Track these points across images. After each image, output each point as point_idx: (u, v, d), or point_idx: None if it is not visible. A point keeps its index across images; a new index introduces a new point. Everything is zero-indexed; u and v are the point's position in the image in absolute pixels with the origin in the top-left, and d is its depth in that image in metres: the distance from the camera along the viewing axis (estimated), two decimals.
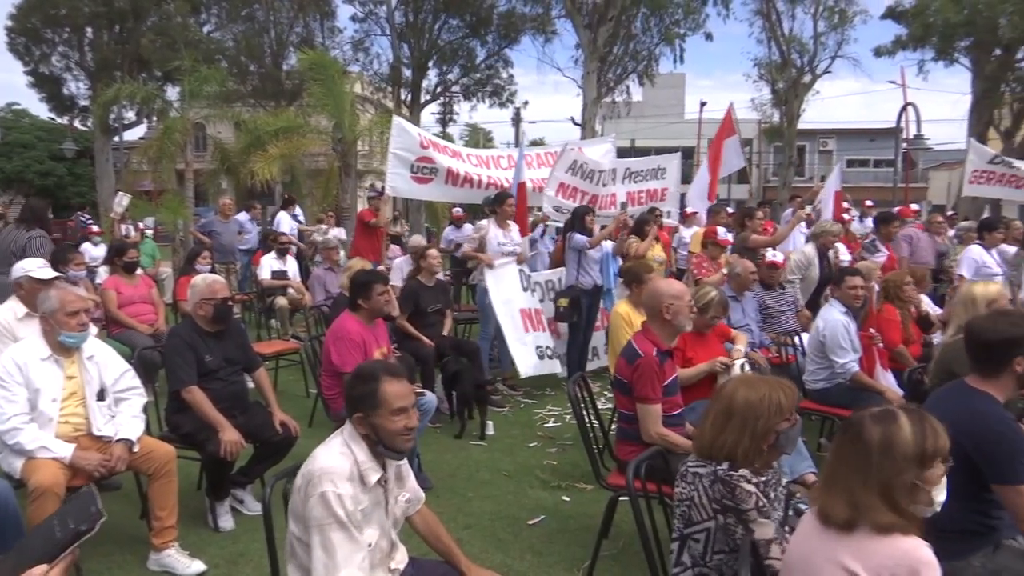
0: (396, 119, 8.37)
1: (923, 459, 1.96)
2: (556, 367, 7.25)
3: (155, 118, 21.29)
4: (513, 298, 7.09)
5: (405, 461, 2.69)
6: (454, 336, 7.32)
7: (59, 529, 1.74)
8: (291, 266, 9.39)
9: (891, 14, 24.60)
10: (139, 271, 7.08)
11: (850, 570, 1.91)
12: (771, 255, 6.70)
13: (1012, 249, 8.58)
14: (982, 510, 2.62)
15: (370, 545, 2.41)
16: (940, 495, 2.00)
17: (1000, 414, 2.68)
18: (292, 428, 4.29)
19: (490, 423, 6.07)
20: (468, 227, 11.29)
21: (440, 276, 7.07)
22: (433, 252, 6.90)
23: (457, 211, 12.71)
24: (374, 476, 2.45)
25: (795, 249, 7.77)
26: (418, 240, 9.25)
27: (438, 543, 2.80)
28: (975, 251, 7.76)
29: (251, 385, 4.63)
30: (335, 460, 2.41)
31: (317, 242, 10.72)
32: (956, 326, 4.40)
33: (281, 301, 8.75)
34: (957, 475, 2.10)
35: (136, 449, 3.63)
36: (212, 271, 7.56)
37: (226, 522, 4.16)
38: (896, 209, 10.45)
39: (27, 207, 6.83)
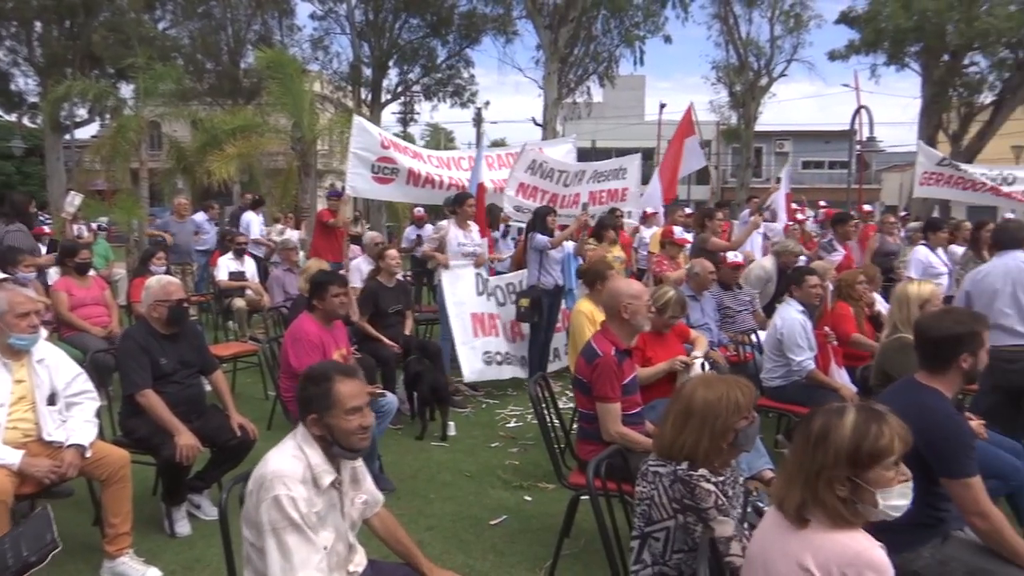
0: (357, 119, 8.32)
1: (856, 458, 1.94)
2: (506, 373, 7.26)
3: (108, 116, 20.79)
4: (466, 301, 7.10)
5: (361, 462, 2.67)
6: (416, 336, 7.28)
7: (11, 556, 1.69)
8: (249, 267, 9.26)
9: (844, 19, 25.11)
10: (92, 272, 6.91)
11: (802, 564, 1.93)
12: (732, 256, 6.80)
13: (961, 249, 8.82)
14: (931, 503, 2.68)
15: (326, 548, 2.39)
16: (892, 500, 1.97)
17: (947, 410, 2.75)
18: (250, 431, 4.23)
19: (452, 424, 6.06)
20: (430, 227, 11.26)
21: (400, 276, 7.04)
22: (392, 252, 6.86)
23: (419, 210, 12.65)
24: (328, 478, 2.43)
25: (756, 261, 7.86)
26: (373, 236, 9.16)
27: (398, 545, 2.79)
28: (921, 252, 7.96)
29: (208, 388, 4.56)
30: (287, 463, 2.39)
31: (275, 243, 10.58)
32: (891, 326, 4.52)
33: (239, 302, 8.62)
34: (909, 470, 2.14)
35: (88, 454, 3.54)
36: (168, 272, 7.42)
37: (182, 528, 4.08)
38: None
39: (8, 201, 6.81)
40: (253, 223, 11.59)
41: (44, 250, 9.32)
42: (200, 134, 16.25)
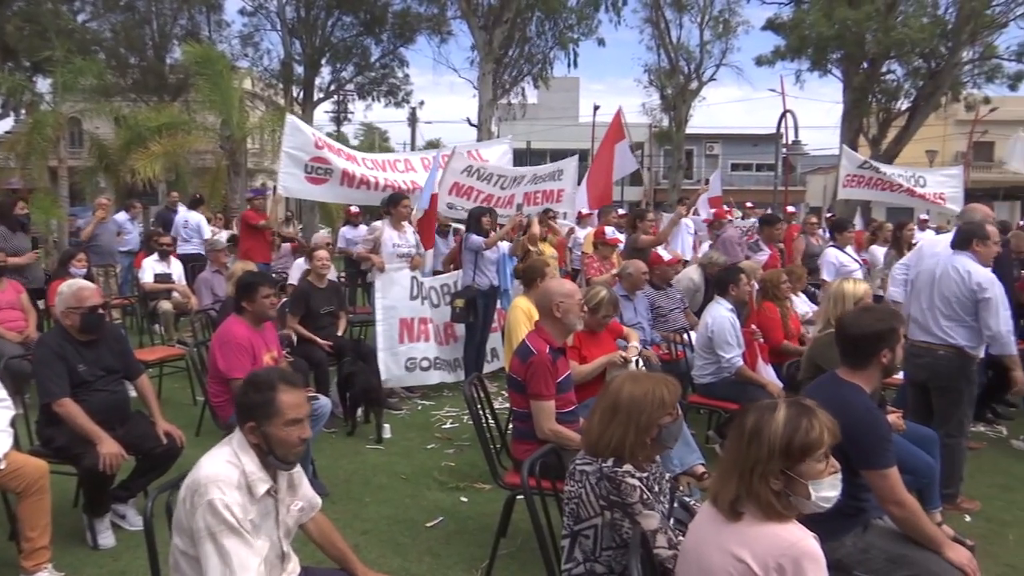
0: (290, 118, 8.17)
1: (789, 451, 2.01)
2: (433, 378, 7.23)
3: (24, 111, 19.89)
4: (397, 306, 7.04)
5: (299, 468, 2.63)
6: (349, 338, 7.20)
7: None
8: (175, 268, 8.99)
9: (771, 26, 25.84)
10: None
11: (739, 557, 1.97)
12: (663, 253, 6.97)
13: (883, 250, 9.20)
14: (853, 493, 2.78)
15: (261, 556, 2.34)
16: (824, 491, 2.04)
17: (866, 404, 2.87)
18: (177, 438, 4.10)
19: (387, 426, 6.01)
20: (364, 227, 11.13)
21: (332, 277, 6.94)
22: (321, 253, 6.77)
23: (354, 209, 12.49)
24: (263, 487, 2.39)
25: (684, 272, 8.02)
26: (322, 236, 9.00)
27: (333, 550, 2.75)
28: (831, 253, 8.17)
29: (133, 394, 4.40)
30: (222, 468, 2.34)
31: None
32: (824, 322, 4.70)
33: (165, 305, 8.37)
34: None
35: (3, 465, 3.39)
36: (89, 274, 7.15)
37: (106, 539, 3.94)
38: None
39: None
40: (203, 224, 11.16)
41: None
42: (123, 131, 15.70)
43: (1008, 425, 6.32)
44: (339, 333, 6.59)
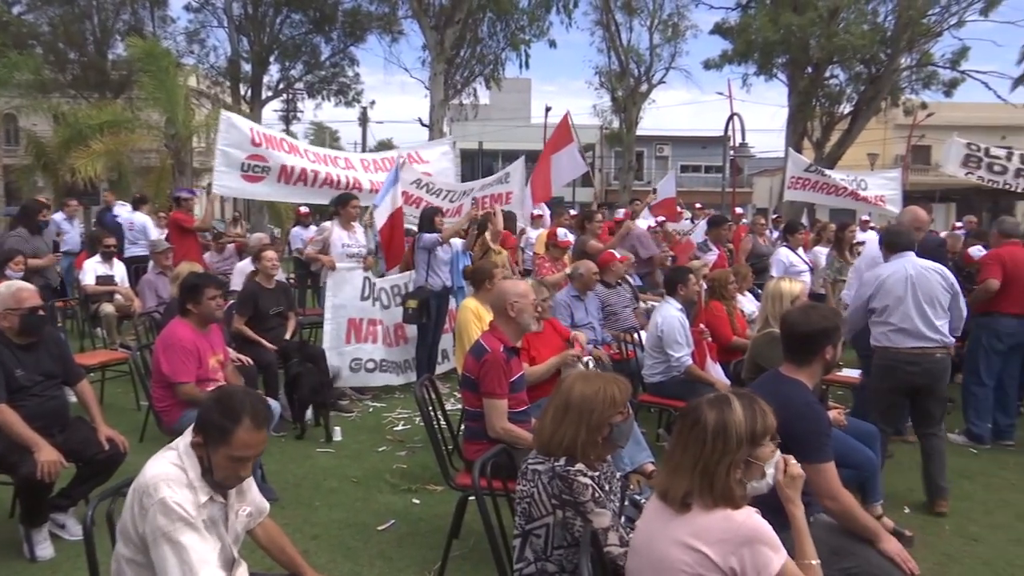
0: (225, 114, 8.03)
1: (754, 438, 2.14)
2: (377, 380, 7.19)
3: None
4: (347, 305, 7.00)
5: None
6: (300, 340, 7.09)
7: None
8: (118, 270, 8.74)
9: (718, 30, 26.32)
10: None
11: (694, 548, 2.04)
12: (614, 251, 7.06)
13: (825, 251, 9.44)
14: None
15: None
16: (770, 468, 2.21)
17: (807, 399, 2.95)
18: (120, 444, 3.99)
19: (338, 428, 5.96)
20: (314, 228, 10.98)
21: (280, 277, 6.85)
22: (269, 254, 6.66)
23: (304, 209, 12.31)
24: (202, 497, 2.34)
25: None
26: (259, 237, 8.83)
27: (282, 555, 2.72)
28: (783, 253, 8.55)
29: (73, 400, 4.27)
30: (169, 468, 2.30)
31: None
32: (763, 320, 4.82)
33: (107, 308, 8.13)
34: None
35: None
36: (26, 277, 6.91)
37: (44, 550, 3.81)
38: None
39: (21, 206, 7.65)
40: (149, 224, 10.84)
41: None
42: (63, 129, 15.26)
43: (945, 420, 6.54)
44: (288, 335, 6.50)
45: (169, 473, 2.28)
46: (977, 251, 7.31)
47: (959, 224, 13.27)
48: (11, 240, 6.98)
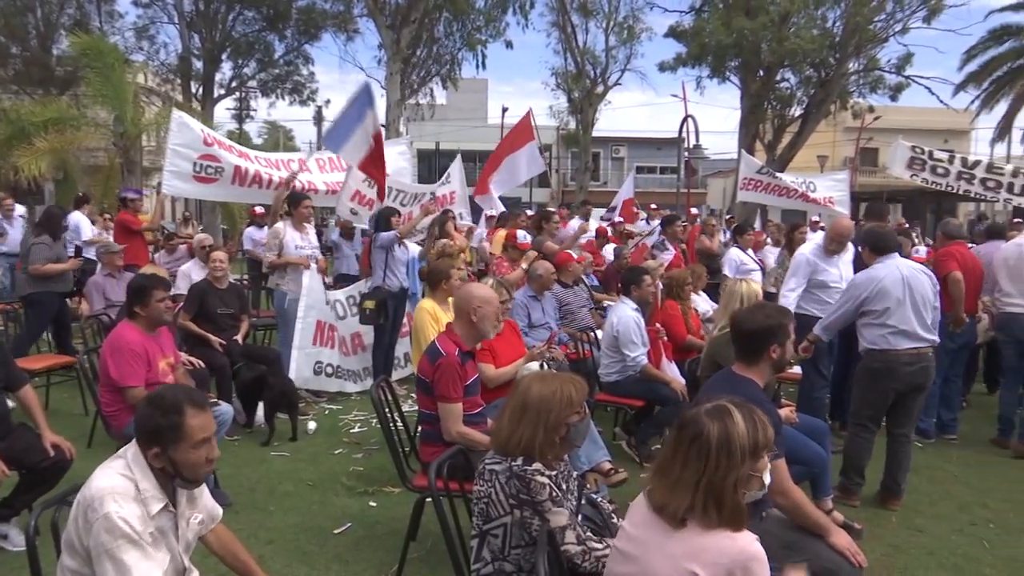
0: (176, 113, 7.87)
1: (756, 450, 2.07)
2: (333, 386, 7.13)
3: None
4: (316, 307, 6.95)
5: None
6: (252, 343, 6.99)
7: None
8: None
9: (672, 33, 26.65)
10: None
11: (689, 570, 1.98)
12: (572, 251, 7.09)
13: (776, 250, 9.63)
14: None
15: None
16: (767, 477, 2.13)
17: (758, 397, 3.00)
18: (66, 450, 3.88)
19: (312, 424, 6.03)
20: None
21: (232, 278, 6.74)
22: (218, 254, 6.55)
23: (259, 209, 12.11)
24: (156, 506, 2.30)
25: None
26: (201, 238, 8.61)
27: (235, 562, 2.68)
28: (734, 252, 8.86)
29: (14, 405, 4.14)
30: (116, 480, 2.25)
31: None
32: (723, 319, 4.91)
33: None
34: None
35: None
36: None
37: None
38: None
39: (44, 213, 7.73)
40: (83, 224, 10.53)
41: None
42: (5, 126, 14.75)
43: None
44: (239, 336, 6.39)
45: (116, 486, 2.22)
46: (916, 251, 7.55)
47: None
48: (37, 248, 7.14)
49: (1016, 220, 8.93)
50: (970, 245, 6.99)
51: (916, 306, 4.61)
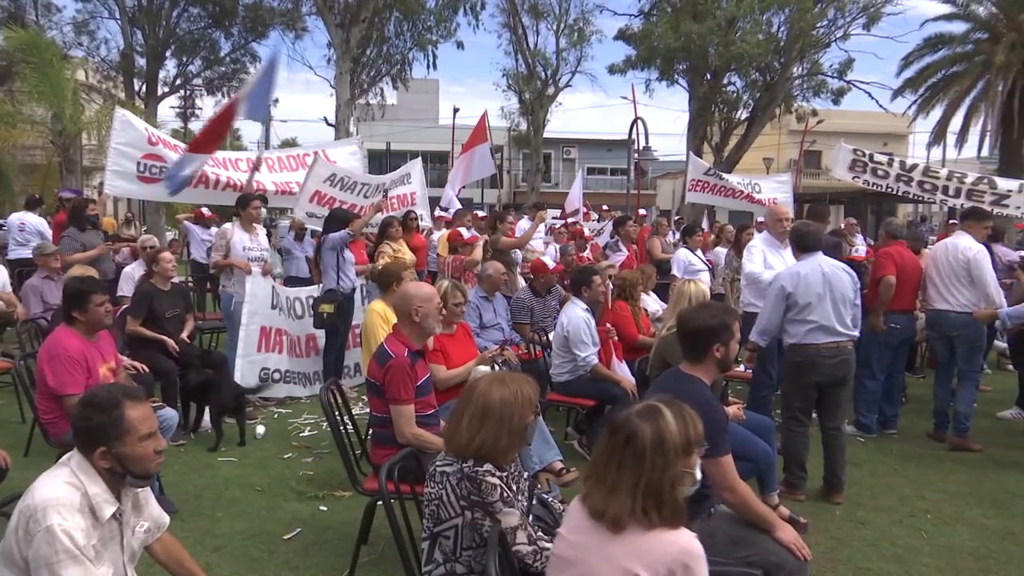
0: (120, 111, 7.67)
1: (688, 447, 2.09)
2: (281, 391, 7.00)
3: None
4: (260, 312, 6.82)
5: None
6: (199, 346, 6.84)
7: None
8: None
9: (622, 36, 26.98)
10: None
11: (631, 571, 1.98)
12: (548, 261, 7.09)
13: (724, 251, 9.80)
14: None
15: None
16: (698, 473, 2.16)
17: (704, 395, 3.06)
18: (1, 459, 3.74)
19: (261, 428, 5.93)
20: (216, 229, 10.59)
21: (176, 280, 6.59)
22: (166, 255, 6.39)
23: (204, 210, 11.86)
24: (108, 509, 2.24)
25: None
26: (145, 239, 8.40)
27: (181, 570, 2.62)
28: (682, 253, 8.98)
29: None
30: (61, 490, 2.18)
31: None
32: (672, 319, 4.98)
33: None
34: None
35: None
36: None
37: None
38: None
39: (71, 205, 8.04)
40: (45, 227, 10.10)
41: None
42: None
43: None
44: (185, 335, 6.25)
45: (60, 496, 2.16)
46: (855, 250, 7.78)
47: (841, 225, 14.02)
48: (63, 242, 7.41)
49: (951, 221, 9.26)
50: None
51: (836, 303, 4.79)
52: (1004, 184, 9.80)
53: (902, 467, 5.57)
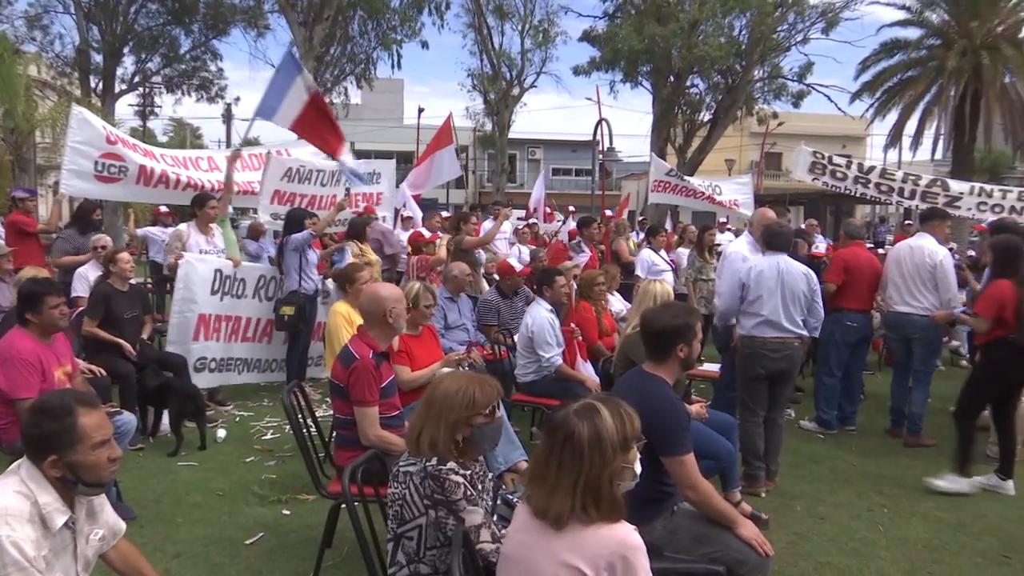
0: (76, 109, 7.49)
1: (626, 443, 2.12)
2: (214, 381, 6.81)
3: None
4: (196, 300, 6.59)
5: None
6: (157, 348, 6.70)
7: None
8: None
9: (587, 38, 27.13)
10: None
11: (571, 564, 2.01)
12: (515, 263, 7.09)
13: (687, 251, 9.90)
14: (659, 480, 3.00)
15: None
16: (638, 467, 2.19)
17: (667, 395, 3.08)
18: None
19: (222, 431, 5.85)
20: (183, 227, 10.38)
21: (133, 281, 6.45)
22: (124, 256, 6.25)
23: (163, 208, 11.64)
24: (60, 519, 2.18)
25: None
26: (98, 239, 8.16)
27: None
28: (646, 253, 9.10)
29: None
30: (10, 500, 2.12)
31: None
32: (636, 318, 5.04)
33: None
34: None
35: None
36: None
37: None
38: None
39: (78, 206, 8.18)
40: None
41: None
42: None
43: (795, 408, 7.02)
44: (144, 336, 6.13)
45: (10, 507, 2.10)
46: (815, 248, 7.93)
47: (803, 226, 14.28)
48: (57, 243, 7.47)
49: (907, 222, 9.48)
50: (869, 245, 7.37)
51: (786, 300, 4.99)
52: (956, 186, 10.09)
53: (860, 463, 5.68)
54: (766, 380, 5.05)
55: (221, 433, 5.93)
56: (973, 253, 10.69)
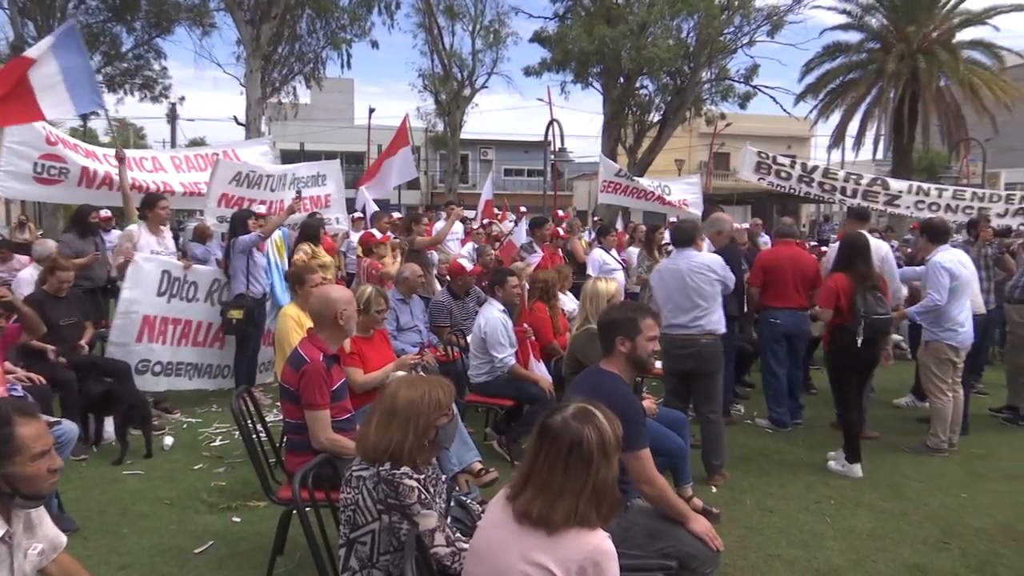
0: None
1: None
2: (162, 385, 6.66)
3: None
4: (141, 300, 6.43)
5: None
6: (100, 353, 6.51)
7: None
8: None
9: (538, 39, 27.23)
10: None
11: (540, 564, 2.01)
12: (465, 263, 7.06)
13: (637, 250, 10.01)
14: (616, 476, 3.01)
15: None
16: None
17: (620, 390, 3.11)
18: None
19: (168, 439, 5.74)
20: (116, 232, 10.11)
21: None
22: (65, 275, 6.05)
23: (104, 212, 11.31)
24: None
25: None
26: (48, 244, 7.93)
27: None
28: (597, 253, 9.20)
29: None
30: None
31: None
32: (582, 318, 5.12)
33: None
34: None
35: None
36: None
37: None
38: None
39: (75, 210, 8.09)
40: None
41: None
42: None
43: (745, 404, 7.15)
44: (84, 342, 5.94)
45: None
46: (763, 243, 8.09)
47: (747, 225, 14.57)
48: (61, 246, 7.41)
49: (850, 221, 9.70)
50: (813, 243, 7.53)
51: (689, 297, 5.15)
52: (896, 185, 10.41)
53: (808, 456, 5.81)
54: (682, 376, 5.22)
55: (168, 440, 5.79)
56: (910, 250, 11.04)
